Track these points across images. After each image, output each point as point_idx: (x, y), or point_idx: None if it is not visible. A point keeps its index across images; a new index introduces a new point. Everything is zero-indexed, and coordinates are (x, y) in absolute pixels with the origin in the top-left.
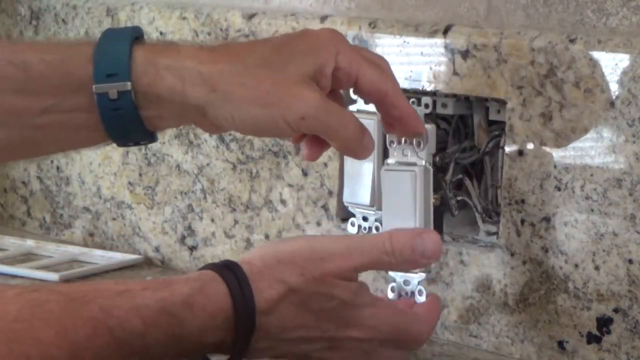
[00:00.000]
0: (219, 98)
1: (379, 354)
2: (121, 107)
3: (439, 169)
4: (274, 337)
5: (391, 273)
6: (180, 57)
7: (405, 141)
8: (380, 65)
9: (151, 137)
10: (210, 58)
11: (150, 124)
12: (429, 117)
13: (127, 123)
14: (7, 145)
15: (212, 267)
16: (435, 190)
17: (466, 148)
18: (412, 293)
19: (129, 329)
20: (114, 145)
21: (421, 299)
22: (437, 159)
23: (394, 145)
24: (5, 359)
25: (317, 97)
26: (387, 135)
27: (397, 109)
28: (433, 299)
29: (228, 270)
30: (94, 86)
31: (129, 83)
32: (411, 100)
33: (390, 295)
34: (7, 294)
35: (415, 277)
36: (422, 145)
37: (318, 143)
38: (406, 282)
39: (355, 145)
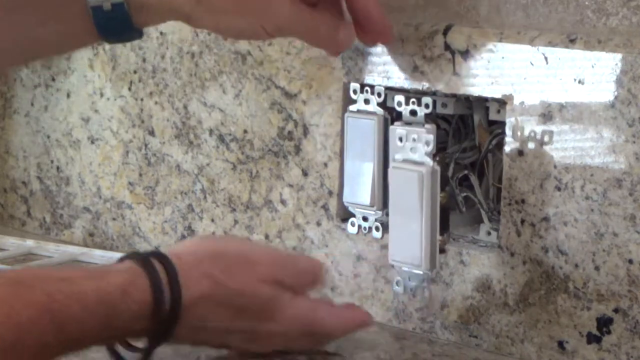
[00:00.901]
0: (203, 9)
1: (295, 343)
2: (115, 17)
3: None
4: (195, 326)
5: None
6: None
7: (413, 102)
8: None
9: (140, 34)
10: None
11: (140, 25)
12: (429, 117)
13: (119, 28)
14: (6, 54)
15: (141, 259)
16: (442, 188)
17: (466, 148)
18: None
19: (69, 313)
20: (114, 145)
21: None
22: (437, 158)
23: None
24: None
25: (289, 8)
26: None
27: (365, 9)
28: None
29: (159, 264)
30: None
31: None
32: (411, 100)
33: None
34: None
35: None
36: (430, 147)
37: None
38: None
39: (328, 43)
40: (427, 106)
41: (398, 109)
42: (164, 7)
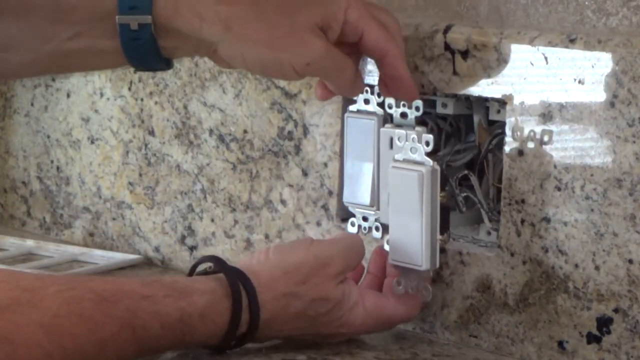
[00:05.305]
0: (232, 38)
1: (367, 332)
2: (140, 37)
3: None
4: (270, 337)
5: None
6: None
7: (404, 105)
8: (387, 25)
9: (167, 65)
10: None
11: (167, 53)
12: (429, 117)
13: (145, 51)
14: (36, 65)
15: (226, 282)
16: (442, 188)
17: (466, 148)
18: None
19: (149, 330)
20: (114, 145)
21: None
22: (437, 155)
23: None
24: (46, 349)
25: (323, 45)
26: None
27: (394, 70)
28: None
29: (240, 283)
30: (117, 17)
31: (149, 17)
32: (402, 102)
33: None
34: (50, 291)
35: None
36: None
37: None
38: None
39: (350, 87)
40: (417, 109)
41: (389, 111)
42: (192, 34)
